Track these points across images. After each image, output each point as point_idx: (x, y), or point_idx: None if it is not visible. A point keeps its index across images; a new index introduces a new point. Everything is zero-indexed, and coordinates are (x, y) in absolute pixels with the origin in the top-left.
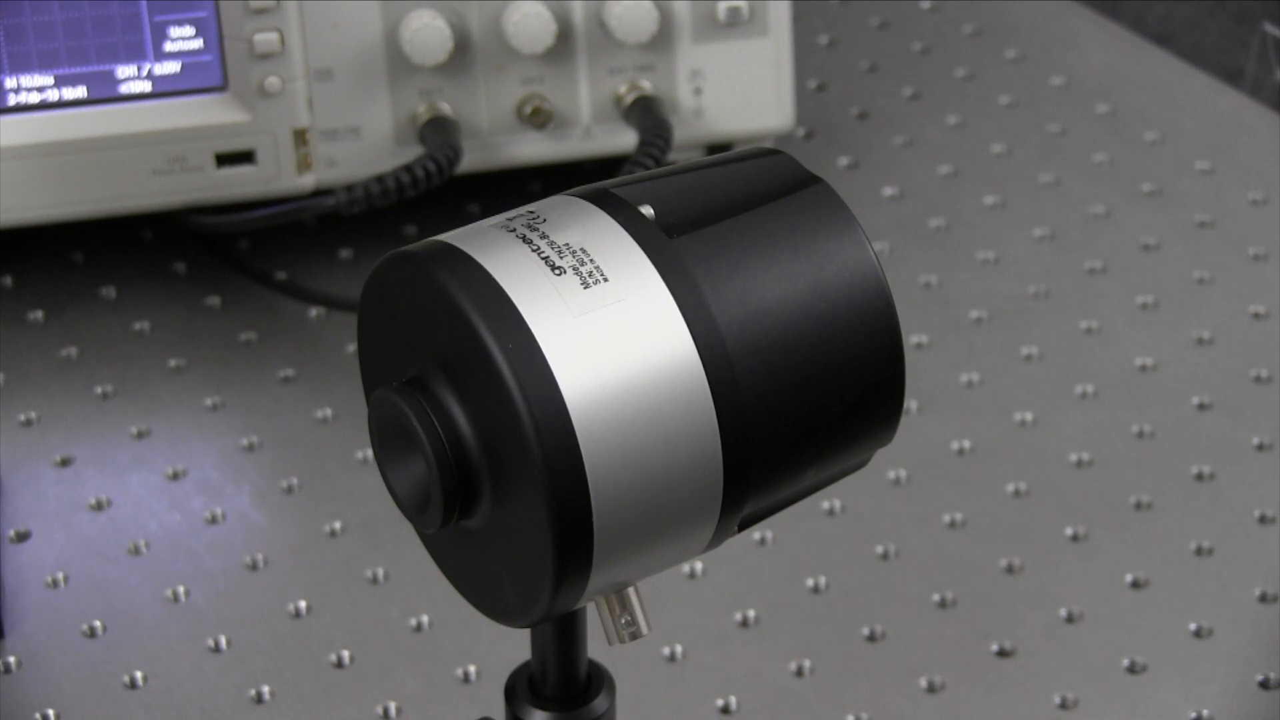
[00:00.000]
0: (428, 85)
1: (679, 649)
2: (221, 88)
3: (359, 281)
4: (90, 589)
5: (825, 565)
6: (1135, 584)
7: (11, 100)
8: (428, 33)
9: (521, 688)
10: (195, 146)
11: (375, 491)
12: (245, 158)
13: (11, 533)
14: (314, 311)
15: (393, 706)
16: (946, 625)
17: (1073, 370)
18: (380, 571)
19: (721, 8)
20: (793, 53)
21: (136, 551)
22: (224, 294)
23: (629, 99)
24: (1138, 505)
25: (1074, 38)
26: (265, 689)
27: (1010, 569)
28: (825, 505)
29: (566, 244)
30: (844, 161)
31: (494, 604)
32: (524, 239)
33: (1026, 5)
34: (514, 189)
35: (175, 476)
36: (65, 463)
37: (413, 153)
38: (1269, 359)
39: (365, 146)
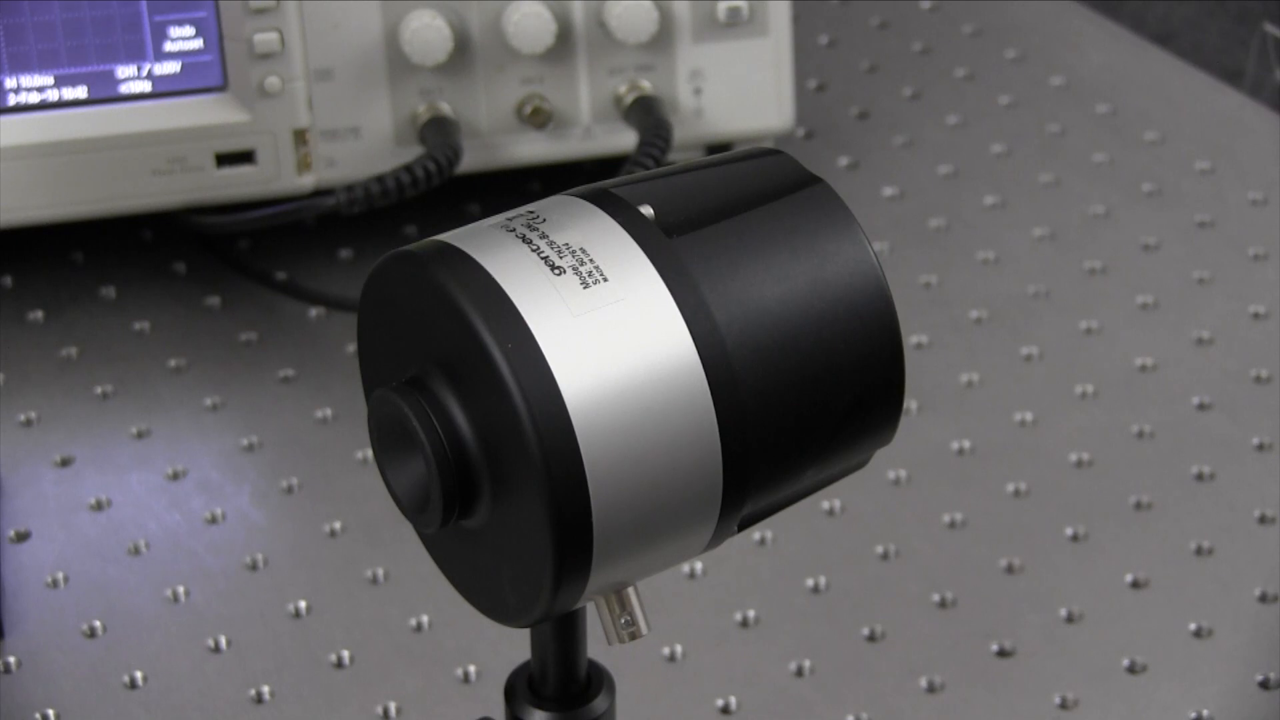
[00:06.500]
0: (428, 85)
1: (679, 649)
2: (221, 88)
3: (359, 281)
4: (90, 589)
5: (825, 565)
6: (1135, 584)
7: (11, 100)
8: (428, 33)
9: (521, 688)
10: (195, 146)
11: (375, 491)
12: (245, 158)
13: (11, 533)
14: (314, 311)
15: (393, 706)
16: (946, 625)
17: (1073, 370)
18: (380, 571)
19: (721, 8)
20: (793, 53)
21: (136, 551)
22: (224, 294)
23: (629, 99)
24: (1138, 505)
25: (1074, 38)
26: (265, 689)
27: (1010, 569)
28: (825, 505)
29: (566, 244)
30: (844, 161)
31: (494, 604)
32: (524, 239)
33: (1026, 5)
34: (514, 189)
35: (175, 476)
36: (65, 463)
37: (413, 153)
38: (1269, 359)
39: (365, 146)
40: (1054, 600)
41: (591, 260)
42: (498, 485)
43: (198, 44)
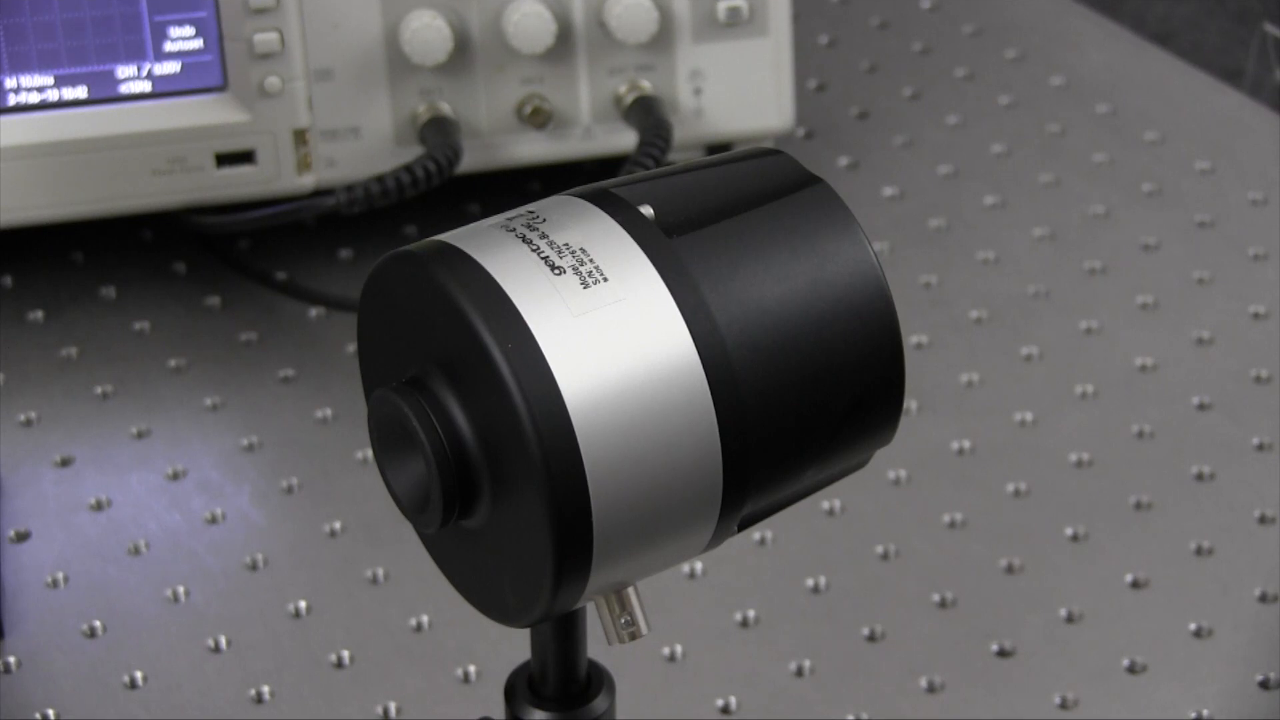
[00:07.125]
0: (428, 85)
1: (679, 649)
2: (221, 88)
3: (359, 281)
4: (90, 589)
5: (825, 565)
6: (1135, 584)
7: (11, 100)
8: (428, 33)
9: (521, 687)
10: (195, 146)
11: (375, 491)
12: (245, 158)
13: (11, 533)
14: (314, 311)
15: (393, 706)
16: (946, 625)
17: (1073, 370)
18: (380, 571)
19: (721, 8)
20: (793, 53)
21: (136, 551)
22: (224, 294)
23: (629, 99)
24: (1138, 505)
25: (1074, 38)
26: (265, 689)
27: (1010, 569)
28: (825, 505)
29: (566, 244)
30: (844, 161)
31: (494, 604)
32: (524, 239)
33: (1026, 5)
34: (514, 189)
35: (175, 476)
36: (65, 463)
37: (413, 153)
38: (1269, 359)
39: (365, 146)
40: (1054, 600)
41: (591, 260)
42: (498, 485)
43: (198, 44)
